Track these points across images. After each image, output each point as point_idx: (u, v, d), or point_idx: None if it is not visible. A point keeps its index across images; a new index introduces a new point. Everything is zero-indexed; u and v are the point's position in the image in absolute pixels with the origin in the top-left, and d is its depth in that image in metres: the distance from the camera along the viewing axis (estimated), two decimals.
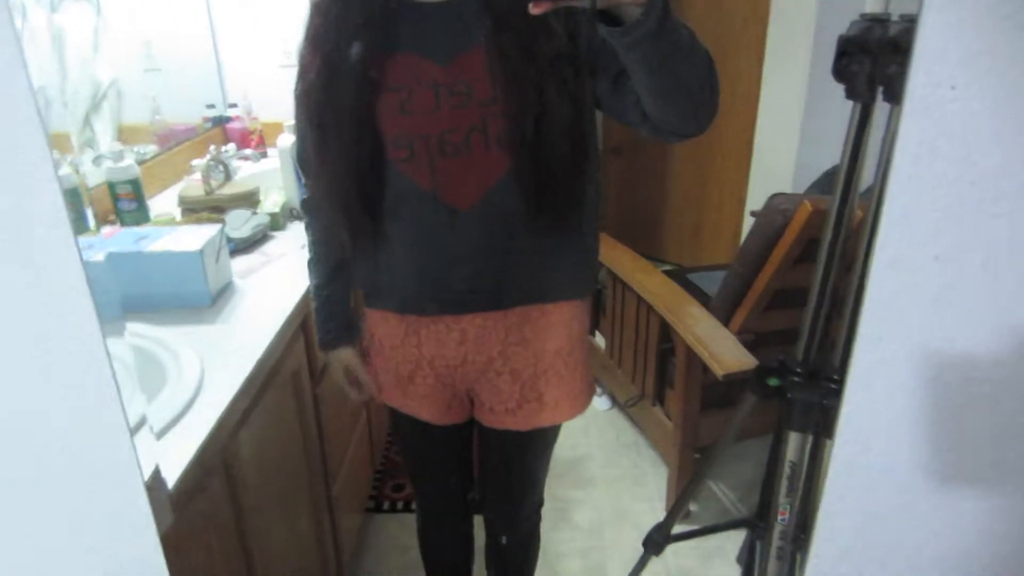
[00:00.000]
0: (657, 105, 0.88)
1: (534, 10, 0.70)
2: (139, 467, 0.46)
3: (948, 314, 0.45)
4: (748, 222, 2.77)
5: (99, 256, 1.23)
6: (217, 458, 0.99)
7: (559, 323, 1.12)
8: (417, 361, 1.15)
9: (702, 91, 0.86)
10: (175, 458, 0.86)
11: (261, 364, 1.12)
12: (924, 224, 0.42)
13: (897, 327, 0.46)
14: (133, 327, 1.18)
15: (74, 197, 1.50)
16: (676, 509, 1.46)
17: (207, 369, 1.06)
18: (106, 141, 1.77)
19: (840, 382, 0.93)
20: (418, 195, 1.00)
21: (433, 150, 0.97)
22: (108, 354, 0.44)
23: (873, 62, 0.82)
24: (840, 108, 0.96)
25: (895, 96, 0.84)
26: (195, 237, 1.31)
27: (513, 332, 1.10)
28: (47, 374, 0.46)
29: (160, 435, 0.90)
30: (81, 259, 0.43)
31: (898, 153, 0.40)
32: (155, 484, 0.49)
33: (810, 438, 1.00)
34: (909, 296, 0.44)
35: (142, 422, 0.49)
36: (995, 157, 0.40)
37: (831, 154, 2.66)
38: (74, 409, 0.47)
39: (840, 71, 0.88)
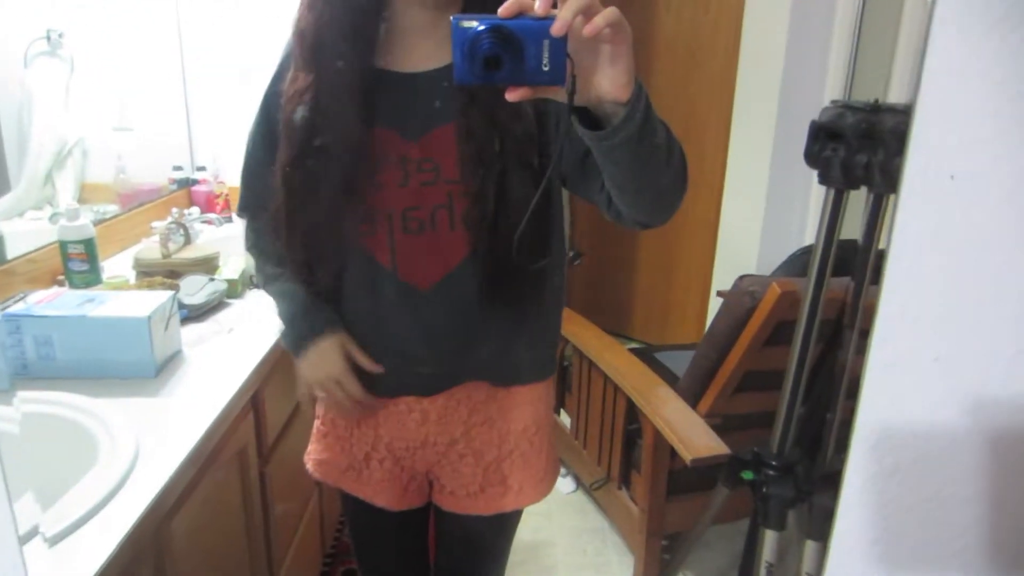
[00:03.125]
0: (626, 200, 0.84)
1: (510, 97, 0.68)
2: None
3: (949, 419, 0.42)
4: (714, 302, 2.78)
5: None
6: (147, 547, 0.90)
7: (524, 403, 1.07)
8: (374, 443, 1.08)
9: (673, 189, 0.83)
10: (98, 550, 0.77)
11: (203, 443, 1.04)
12: (923, 322, 0.39)
13: (896, 432, 0.42)
14: (69, 398, 1.10)
15: None
16: None
17: (143, 447, 0.98)
18: (67, 199, 1.71)
19: (826, 481, 0.89)
20: (377, 272, 0.97)
21: (396, 227, 0.94)
22: None
23: (847, 148, 0.82)
24: (801, 193, 0.96)
25: (868, 183, 0.83)
26: (144, 303, 1.24)
27: (478, 411, 1.05)
28: None
29: (82, 523, 0.81)
30: None
31: (895, 245, 0.37)
32: None
33: (786, 535, 0.95)
34: (908, 400, 0.41)
35: (34, 531, 0.42)
36: (997, 249, 0.38)
37: (795, 237, 2.70)
38: None
39: (813, 157, 0.88)
